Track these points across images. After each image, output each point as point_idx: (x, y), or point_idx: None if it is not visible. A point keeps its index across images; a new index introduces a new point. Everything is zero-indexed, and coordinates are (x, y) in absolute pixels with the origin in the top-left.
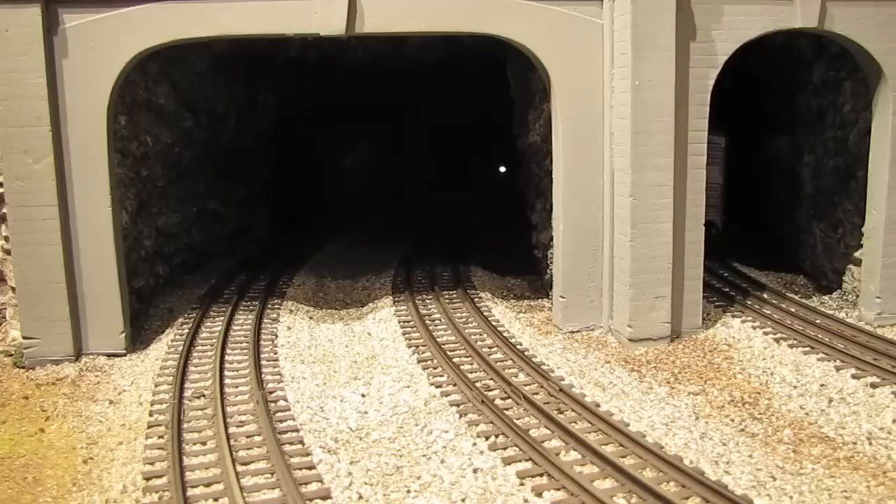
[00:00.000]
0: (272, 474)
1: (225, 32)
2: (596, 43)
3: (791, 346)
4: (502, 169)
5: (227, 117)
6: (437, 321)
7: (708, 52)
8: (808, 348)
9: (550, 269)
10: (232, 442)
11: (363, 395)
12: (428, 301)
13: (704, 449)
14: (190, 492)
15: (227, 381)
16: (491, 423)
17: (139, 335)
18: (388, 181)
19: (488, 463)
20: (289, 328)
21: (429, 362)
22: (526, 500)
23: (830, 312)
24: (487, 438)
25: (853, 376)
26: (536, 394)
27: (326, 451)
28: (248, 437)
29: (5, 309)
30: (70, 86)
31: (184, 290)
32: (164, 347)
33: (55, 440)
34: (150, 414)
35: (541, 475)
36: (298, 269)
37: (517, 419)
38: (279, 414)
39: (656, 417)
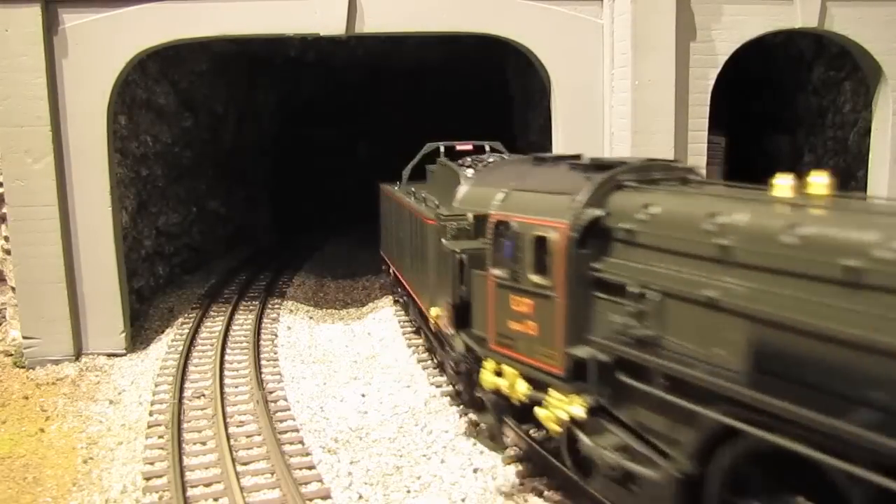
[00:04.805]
0: (272, 474)
1: (225, 32)
2: (596, 43)
3: None
4: None
5: (227, 117)
6: None
7: (708, 52)
8: None
9: None
10: (232, 442)
11: (363, 395)
12: None
13: None
14: (190, 492)
15: (227, 381)
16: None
17: (139, 335)
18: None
19: (488, 463)
20: (289, 328)
21: (428, 362)
22: (526, 501)
23: None
24: None
25: None
26: None
27: (326, 451)
28: (248, 437)
29: (5, 309)
30: (70, 86)
31: (184, 290)
32: (164, 347)
33: (55, 440)
34: (150, 414)
35: (540, 475)
36: (298, 268)
37: None
38: (279, 414)
39: None
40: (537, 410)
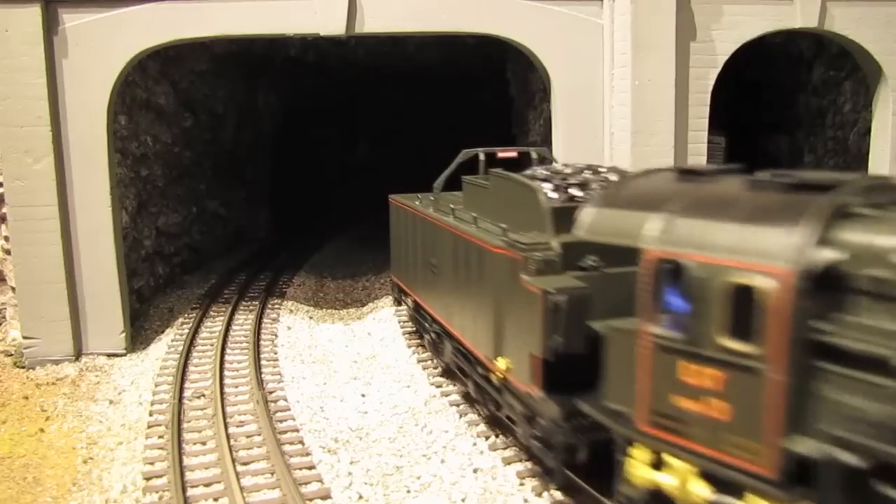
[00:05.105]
0: (272, 474)
1: (225, 32)
2: (596, 43)
3: None
4: None
5: (227, 117)
6: None
7: (708, 52)
8: None
9: None
10: (232, 442)
11: (363, 395)
12: None
13: None
14: (190, 492)
15: (227, 381)
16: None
17: (139, 335)
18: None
19: (488, 463)
20: (289, 328)
21: (428, 362)
22: (526, 500)
23: None
24: (487, 438)
25: None
26: None
27: (326, 451)
28: (248, 437)
29: (5, 309)
30: (70, 86)
31: (184, 290)
32: (164, 347)
33: (55, 440)
34: (150, 414)
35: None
36: (298, 268)
37: None
38: (279, 414)
39: None
40: None
